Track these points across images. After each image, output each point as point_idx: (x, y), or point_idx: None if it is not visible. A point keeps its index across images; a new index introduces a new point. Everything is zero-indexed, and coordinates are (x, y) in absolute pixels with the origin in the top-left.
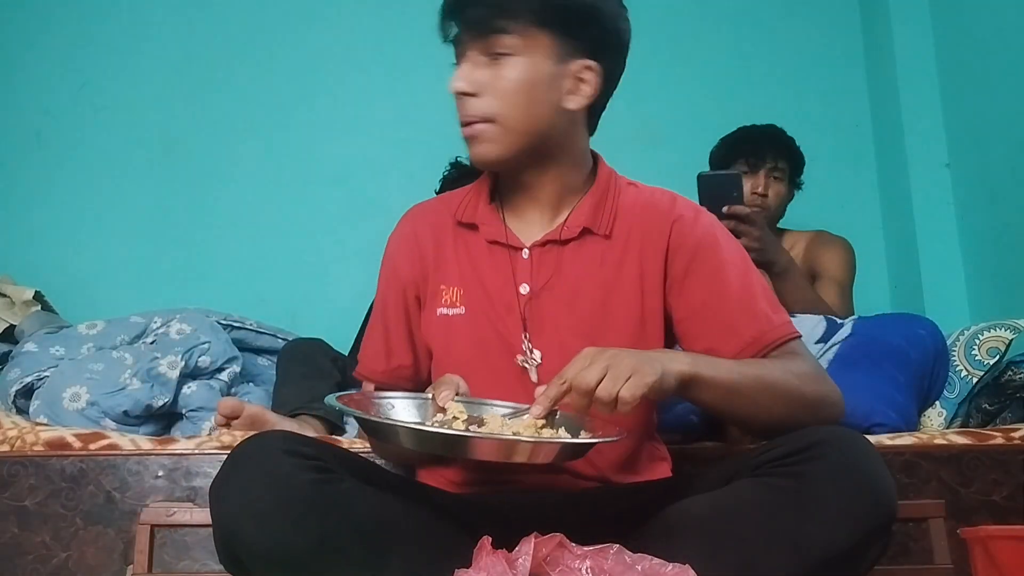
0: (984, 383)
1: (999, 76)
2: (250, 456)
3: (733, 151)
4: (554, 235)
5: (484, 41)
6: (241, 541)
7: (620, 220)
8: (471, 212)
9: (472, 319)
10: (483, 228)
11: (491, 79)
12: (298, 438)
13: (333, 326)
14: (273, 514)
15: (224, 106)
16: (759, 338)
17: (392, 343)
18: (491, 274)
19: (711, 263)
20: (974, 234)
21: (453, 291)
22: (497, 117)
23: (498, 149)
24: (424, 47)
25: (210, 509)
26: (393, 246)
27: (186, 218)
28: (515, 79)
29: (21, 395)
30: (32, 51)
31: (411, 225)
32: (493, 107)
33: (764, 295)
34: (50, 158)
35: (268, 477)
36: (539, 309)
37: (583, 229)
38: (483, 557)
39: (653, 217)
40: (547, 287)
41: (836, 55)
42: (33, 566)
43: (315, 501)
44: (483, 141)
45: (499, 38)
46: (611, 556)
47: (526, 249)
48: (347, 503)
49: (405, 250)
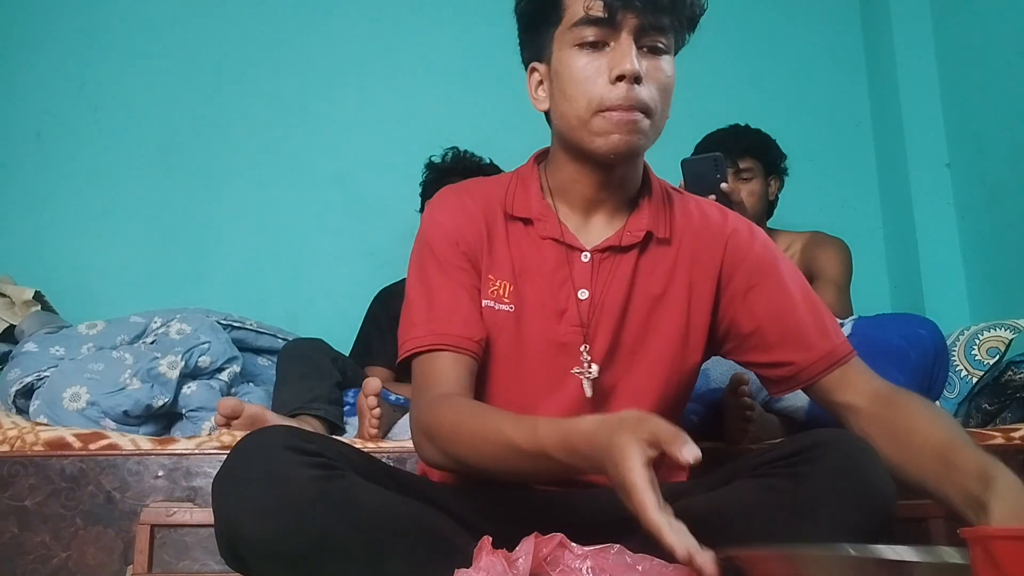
0: (984, 383)
1: (999, 76)
2: (251, 452)
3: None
4: (615, 240)
5: (652, 33)
6: (242, 538)
7: (677, 226)
8: (523, 205)
9: (521, 318)
10: (538, 224)
11: (652, 70)
12: (300, 433)
13: (333, 326)
14: (274, 512)
15: (224, 106)
16: (832, 352)
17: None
18: (546, 275)
19: (774, 277)
20: (974, 234)
21: (502, 285)
22: (653, 111)
23: (644, 144)
24: (424, 47)
25: (212, 505)
26: (446, 215)
27: (186, 218)
28: (670, 76)
29: (21, 395)
30: (32, 51)
31: (459, 199)
32: (652, 98)
33: (825, 310)
34: (50, 158)
35: (269, 474)
36: (596, 318)
37: (646, 233)
38: (483, 557)
39: (707, 229)
40: (606, 295)
41: (836, 55)
42: (33, 566)
43: (316, 498)
44: (638, 132)
45: (665, 33)
46: (611, 556)
47: (587, 252)
48: (348, 500)
49: (463, 220)
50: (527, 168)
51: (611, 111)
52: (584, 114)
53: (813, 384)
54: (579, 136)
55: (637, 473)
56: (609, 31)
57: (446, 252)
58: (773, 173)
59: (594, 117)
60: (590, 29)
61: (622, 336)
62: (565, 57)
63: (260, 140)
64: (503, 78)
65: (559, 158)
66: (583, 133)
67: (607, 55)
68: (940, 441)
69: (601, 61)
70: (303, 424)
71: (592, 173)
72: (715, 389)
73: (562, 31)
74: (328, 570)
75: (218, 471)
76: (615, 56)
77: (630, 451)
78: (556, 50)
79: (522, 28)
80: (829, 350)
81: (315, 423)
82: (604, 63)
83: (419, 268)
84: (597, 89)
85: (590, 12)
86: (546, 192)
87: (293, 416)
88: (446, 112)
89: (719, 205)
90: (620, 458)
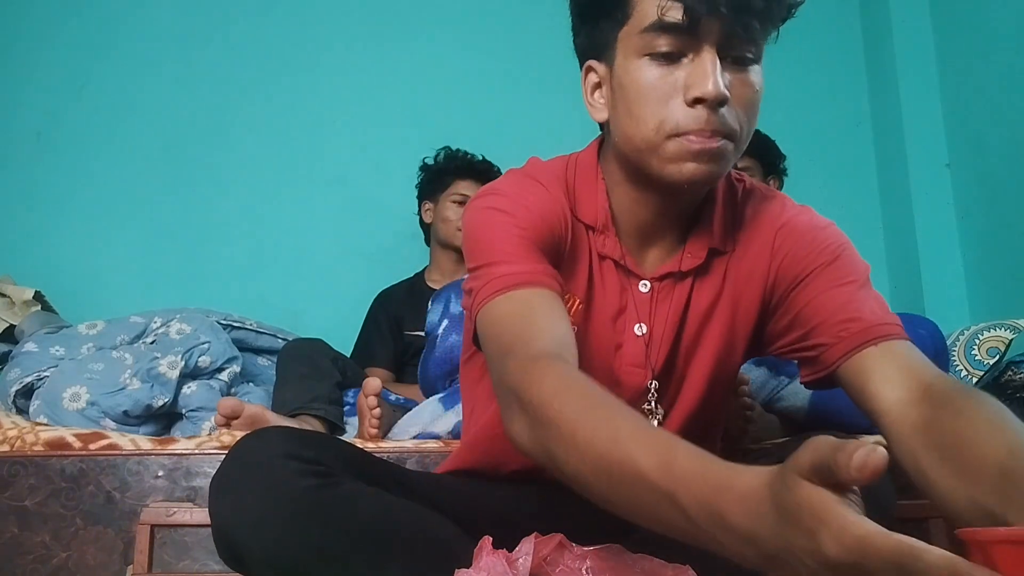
0: (984, 383)
1: (999, 76)
2: (247, 459)
3: None
4: (674, 265)
5: (740, 43)
6: (238, 545)
7: (740, 231)
8: (589, 209)
9: (581, 344)
10: (597, 238)
11: (738, 87)
12: (298, 437)
13: (333, 326)
14: (269, 522)
15: (224, 106)
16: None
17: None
18: (608, 299)
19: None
20: (974, 234)
21: (574, 300)
22: (739, 136)
23: (725, 172)
24: (424, 47)
25: (208, 510)
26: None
27: (186, 218)
28: (759, 90)
29: (21, 395)
30: (33, 51)
31: (540, 183)
32: (739, 123)
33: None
34: (50, 158)
35: (265, 483)
36: (654, 356)
37: (709, 251)
38: (483, 557)
39: (758, 228)
40: (664, 329)
41: (836, 55)
42: (33, 566)
43: (312, 509)
44: (721, 160)
45: (755, 41)
46: (611, 556)
47: (646, 282)
48: (346, 508)
49: (553, 216)
50: (590, 163)
51: (687, 135)
52: (654, 138)
53: (843, 363)
54: (646, 161)
55: (863, 524)
56: (688, 40)
57: (528, 224)
58: (772, 173)
59: (666, 141)
60: (664, 38)
61: (676, 362)
62: (632, 67)
63: (260, 140)
64: (504, 78)
65: (617, 175)
66: (651, 158)
67: (684, 69)
68: (1004, 454)
69: (677, 76)
70: (303, 424)
71: (655, 199)
72: None
73: (629, 33)
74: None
75: (213, 477)
76: (694, 73)
77: (826, 502)
78: (620, 55)
79: (577, 16)
80: (869, 325)
81: (315, 423)
82: (680, 79)
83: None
84: (670, 112)
85: (665, 16)
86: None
87: (293, 416)
88: (446, 112)
89: (783, 197)
90: (819, 518)
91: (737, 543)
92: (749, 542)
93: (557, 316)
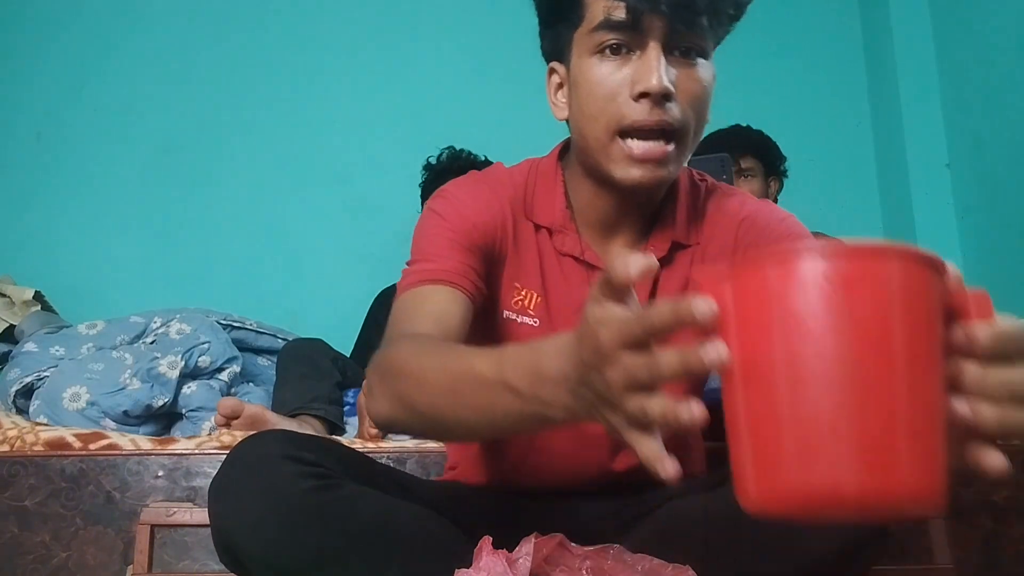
0: None
1: (999, 76)
2: (247, 461)
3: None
4: None
5: (685, 37)
6: (238, 549)
7: (702, 227)
8: (546, 211)
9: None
10: (557, 236)
11: (684, 81)
12: (297, 440)
13: (333, 326)
14: (269, 524)
15: (224, 106)
16: None
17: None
18: (569, 293)
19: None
20: (974, 234)
21: (529, 295)
22: (685, 132)
23: (672, 175)
24: (424, 46)
25: (208, 513)
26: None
27: (186, 218)
28: (708, 84)
29: (21, 395)
30: (33, 52)
31: (489, 187)
32: (685, 118)
33: None
34: (50, 158)
35: (265, 485)
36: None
37: (672, 244)
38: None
39: (721, 222)
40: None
41: (836, 55)
42: (33, 566)
43: (312, 511)
44: (665, 166)
45: (701, 35)
46: (611, 556)
47: None
48: (346, 511)
49: (488, 214)
50: (550, 166)
51: (632, 138)
52: (603, 136)
53: None
54: (597, 160)
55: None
56: (634, 37)
57: (460, 229)
58: (773, 174)
59: (613, 142)
60: (611, 35)
61: None
62: (584, 65)
63: (260, 140)
64: (504, 78)
65: (578, 173)
66: (601, 157)
67: (632, 65)
68: None
69: (625, 72)
70: (303, 424)
71: (614, 195)
72: (715, 389)
73: (582, 34)
74: None
75: (213, 480)
76: (640, 69)
77: (604, 307)
78: (576, 55)
79: (540, 21)
80: None
81: (315, 423)
82: (628, 75)
83: (420, 234)
84: (617, 106)
85: (611, 15)
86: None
87: (293, 416)
88: (446, 112)
89: (743, 194)
90: (598, 320)
91: (555, 393)
92: (561, 383)
93: (444, 309)
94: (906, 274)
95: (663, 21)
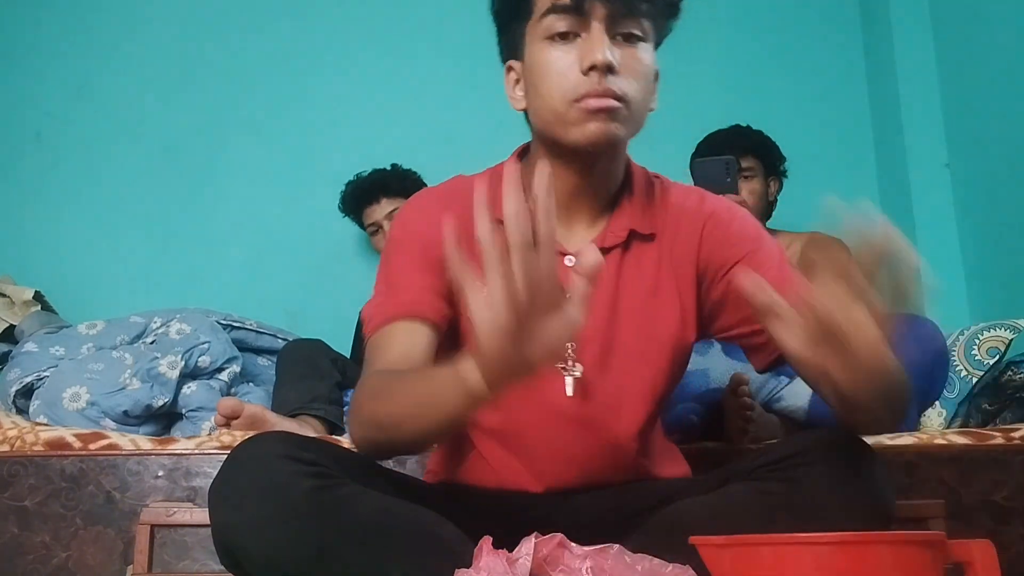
0: (984, 383)
1: (999, 76)
2: (247, 461)
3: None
4: (597, 242)
5: (625, 20)
6: (238, 548)
7: (659, 219)
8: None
9: None
10: None
11: (627, 60)
12: (297, 440)
13: (333, 326)
14: (270, 524)
15: (223, 106)
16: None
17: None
18: None
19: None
20: (974, 234)
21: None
22: (631, 99)
23: (624, 132)
24: (424, 46)
25: (208, 513)
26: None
27: (186, 218)
28: (648, 64)
29: (21, 395)
30: (32, 51)
31: (436, 200)
32: (628, 88)
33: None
34: (50, 158)
35: (265, 485)
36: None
37: (629, 232)
38: (483, 557)
39: (684, 216)
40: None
41: (836, 55)
42: (33, 566)
43: (313, 510)
44: (616, 120)
45: (640, 20)
46: (611, 556)
47: (570, 256)
48: (346, 510)
49: (429, 219)
50: (508, 163)
51: (586, 99)
52: (560, 107)
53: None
54: (555, 130)
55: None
56: (579, 20)
57: (415, 250)
58: (773, 174)
59: (569, 109)
60: (558, 20)
61: (618, 335)
62: (536, 51)
63: (260, 140)
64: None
65: (540, 155)
66: (559, 127)
67: (579, 46)
68: None
69: (573, 53)
70: (303, 424)
71: (571, 169)
72: (715, 389)
73: (533, 24)
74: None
75: (213, 480)
76: (585, 47)
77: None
78: (529, 46)
79: (498, 28)
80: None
81: (315, 423)
82: (575, 55)
83: (383, 264)
84: (569, 81)
85: (557, 1)
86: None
87: (293, 416)
88: (446, 112)
89: (699, 191)
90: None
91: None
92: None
93: (408, 344)
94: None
95: (604, 3)
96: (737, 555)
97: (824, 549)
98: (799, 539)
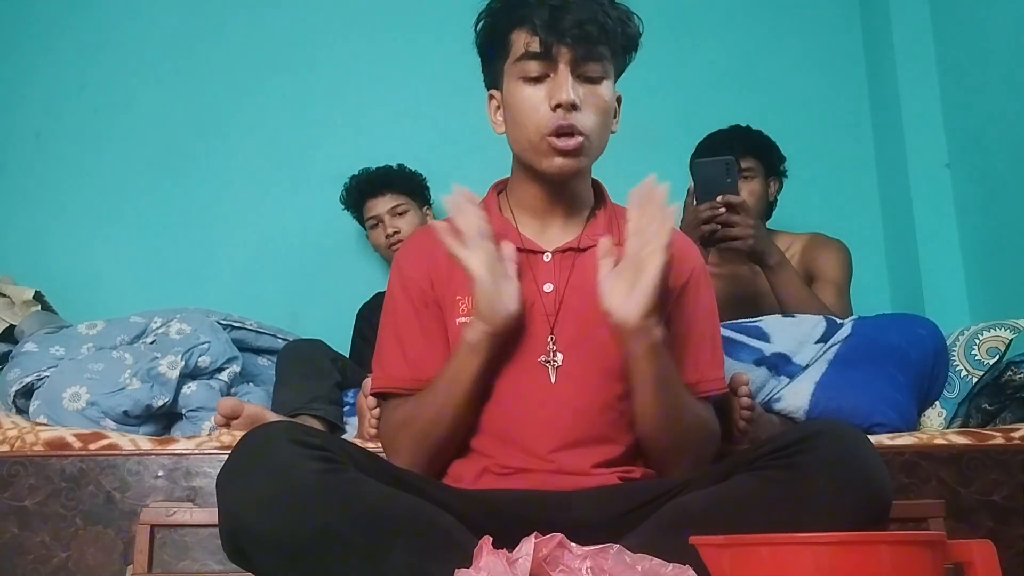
0: (984, 383)
1: (999, 76)
2: (256, 445)
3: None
4: (574, 243)
5: (587, 63)
6: (245, 530)
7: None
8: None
9: None
10: (499, 239)
11: (588, 97)
12: (303, 428)
13: (333, 326)
14: (277, 502)
15: (223, 106)
16: (721, 379)
17: (409, 355)
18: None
19: (701, 294)
20: (974, 234)
21: (468, 300)
22: (590, 132)
23: (585, 164)
24: (424, 47)
25: (216, 498)
26: (403, 258)
27: (186, 218)
28: (607, 100)
29: (21, 395)
30: (33, 52)
31: (419, 239)
32: (588, 123)
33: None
34: (50, 158)
35: (273, 466)
36: (564, 307)
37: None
38: (483, 556)
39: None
40: (571, 286)
41: (836, 55)
42: (33, 566)
43: (319, 490)
44: (579, 155)
45: (600, 62)
46: (611, 556)
47: (548, 253)
48: (351, 492)
49: (415, 261)
50: (488, 196)
51: (554, 136)
52: (533, 137)
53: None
54: (530, 157)
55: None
56: (548, 64)
57: (400, 297)
58: (773, 175)
59: (541, 141)
60: (531, 63)
61: (597, 327)
62: (513, 88)
63: (260, 140)
64: None
65: (518, 175)
66: (532, 155)
67: (548, 86)
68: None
69: (542, 92)
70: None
71: (545, 187)
72: None
73: (510, 64)
74: (330, 562)
75: (223, 465)
76: (553, 87)
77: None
78: (507, 82)
79: (482, 61)
80: (720, 376)
81: (315, 423)
82: (545, 92)
83: (384, 309)
84: (540, 115)
85: (529, 48)
86: (506, 210)
87: (293, 416)
88: (447, 112)
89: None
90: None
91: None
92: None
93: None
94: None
95: (569, 50)
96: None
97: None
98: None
